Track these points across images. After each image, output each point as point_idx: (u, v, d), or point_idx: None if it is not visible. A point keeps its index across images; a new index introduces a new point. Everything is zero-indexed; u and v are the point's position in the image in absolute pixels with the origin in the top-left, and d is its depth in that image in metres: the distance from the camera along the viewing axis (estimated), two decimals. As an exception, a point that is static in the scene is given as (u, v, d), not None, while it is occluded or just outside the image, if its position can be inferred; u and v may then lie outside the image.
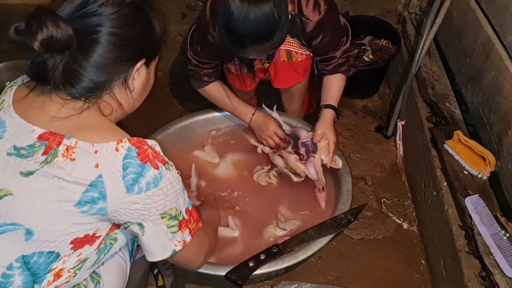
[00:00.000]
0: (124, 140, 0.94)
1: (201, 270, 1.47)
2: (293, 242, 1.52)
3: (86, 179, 0.90)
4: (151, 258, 1.06)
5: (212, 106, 1.96)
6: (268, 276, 1.64)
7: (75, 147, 0.91)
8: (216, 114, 2.00)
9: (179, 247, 1.05)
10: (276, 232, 1.63)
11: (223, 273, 1.43)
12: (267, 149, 1.85)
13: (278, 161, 1.78)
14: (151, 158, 0.95)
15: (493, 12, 1.63)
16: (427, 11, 1.99)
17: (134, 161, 0.93)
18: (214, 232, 1.36)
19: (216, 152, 1.91)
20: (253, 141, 1.94)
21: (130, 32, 0.97)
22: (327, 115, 1.69)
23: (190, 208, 1.09)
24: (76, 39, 0.90)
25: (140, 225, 0.99)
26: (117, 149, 0.92)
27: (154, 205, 0.97)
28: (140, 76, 1.03)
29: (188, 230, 1.07)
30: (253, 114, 1.81)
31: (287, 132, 1.82)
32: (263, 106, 1.89)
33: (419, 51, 1.81)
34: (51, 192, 0.90)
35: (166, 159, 1.00)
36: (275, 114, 1.85)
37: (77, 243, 0.97)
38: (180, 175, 1.05)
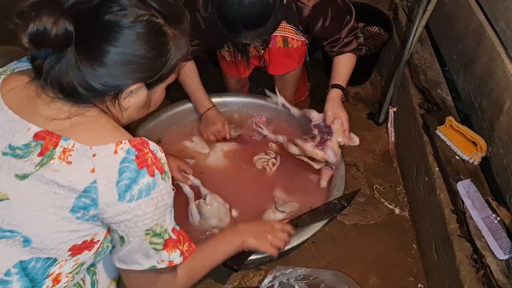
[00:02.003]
0: (124, 142, 0.90)
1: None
2: None
3: (80, 184, 0.86)
4: (121, 265, 1.01)
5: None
6: (262, 261, 1.65)
7: (72, 150, 0.87)
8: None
9: (161, 265, 0.99)
10: (275, 216, 1.63)
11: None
12: (281, 138, 1.79)
13: (294, 149, 1.72)
14: (149, 163, 0.91)
15: (485, -2, 1.64)
16: (419, -2, 1.99)
17: (131, 165, 0.88)
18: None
19: (205, 142, 1.89)
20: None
21: (135, 52, 0.88)
22: (334, 94, 1.68)
23: (178, 229, 1.02)
24: (75, 39, 0.83)
25: (122, 238, 0.95)
26: (115, 152, 0.88)
27: (142, 218, 0.92)
28: (137, 97, 0.96)
29: (178, 250, 1.01)
30: (208, 109, 1.80)
31: (295, 116, 1.79)
32: (266, 90, 1.85)
33: (411, 38, 1.82)
34: (46, 198, 0.87)
35: (165, 168, 0.95)
36: (280, 98, 1.81)
37: (76, 250, 0.95)
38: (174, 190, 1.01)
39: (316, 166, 1.69)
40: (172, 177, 1.48)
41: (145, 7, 0.88)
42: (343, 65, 1.73)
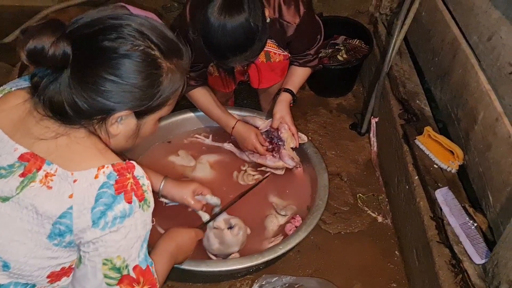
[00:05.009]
0: (106, 166, 0.90)
1: (185, 267, 1.49)
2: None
3: (57, 210, 0.88)
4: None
5: (189, 106, 1.98)
6: (248, 271, 1.68)
7: (54, 175, 0.88)
8: (193, 114, 2.01)
9: None
10: (278, 220, 1.69)
11: (205, 269, 1.46)
12: (228, 146, 1.92)
13: (246, 158, 1.86)
14: (128, 189, 0.90)
15: (460, 13, 1.71)
16: (397, 12, 2.06)
17: (109, 190, 0.89)
18: None
19: (191, 155, 1.92)
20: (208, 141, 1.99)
21: (126, 80, 0.90)
22: (284, 98, 1.78)
23: (143, 268, 0.98)
24: (72, 61, 0.86)
25: (80, 259, 0.94)
26: (96, 176, 0.89)
27: (107, 244, 0.90)
28: (126, 125, 0.97)
29: None
30: (233, 127, 1.82)
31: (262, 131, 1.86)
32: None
33: (390, 51, 1.88)
34: (25, 223, 0.89)
35: (146, 196, 0.94)
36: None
37: (54, 277, 0.96)
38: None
39: (279, 172, 1.83)
40: (187, 205, 1.51)
41: (142, 38, 0.91)
42: (300, 75, 1.83)
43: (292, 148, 1.77)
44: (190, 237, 1.34)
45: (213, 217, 1.53)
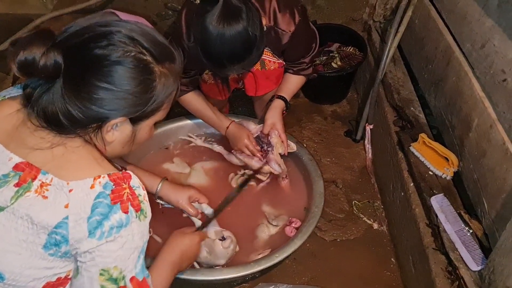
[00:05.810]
0: (102, 176, 0.90)
1: (180, 276, 1.48)
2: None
3: (52, 220, 0.87)
4: None
5: (184, 114, 1.97)
6: (244, 279, 1.67)
7: (50, 184, 0.88)
8: (189, 122, 2.01)
9: None
10: (270, 230, 1.68)
11: (201, 278, 1.45)
12: (217, 148, 1.92)
13: (236, 160, 1.84)
14: (124, 199, 0.90)
15: (453, 21, 1.72)
16: (391, 20, 2.08)
17: (105, 200, 0.88)
18: None
19: (185, 162, 1.92)
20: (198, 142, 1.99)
21: (120, 87, 0.89)
22: (277, 104, 1.78)
23: (139, 280, 0.96)
24: (64, 70, 0.86)
25: (77, 270, 0.93)
26: (92, 186, 0.88)
27: (104, 254, 0.90)
28: (121, 131, 0.96)
29: None
30: (228, 127, 1.82)
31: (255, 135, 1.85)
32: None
33: (384, 58, 1.90)
34: (20, 233, 0.88)
35: (142, 206, 0.94)
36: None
37: None
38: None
39: (263, 178, 1.82)
40: (182, 210, 1.50)
41: (133, 44, 0.90)
42: (294, 83, 1.83)
43: (280, 154, 1.76)
44: (194, 243, 1.31)
45: (206, 224, 1.51)
